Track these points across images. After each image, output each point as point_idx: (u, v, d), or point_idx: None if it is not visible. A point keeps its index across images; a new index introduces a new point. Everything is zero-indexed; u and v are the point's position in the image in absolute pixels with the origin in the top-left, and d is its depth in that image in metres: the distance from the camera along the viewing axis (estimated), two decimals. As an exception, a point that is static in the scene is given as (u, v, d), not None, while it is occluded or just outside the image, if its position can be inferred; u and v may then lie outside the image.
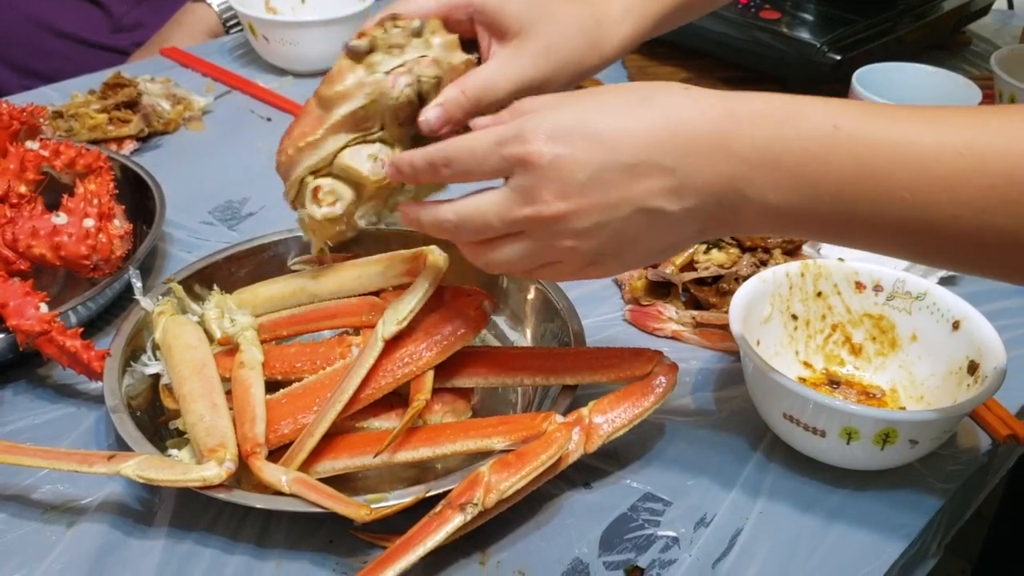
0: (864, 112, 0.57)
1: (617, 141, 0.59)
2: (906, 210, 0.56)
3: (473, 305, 0.71)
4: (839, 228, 0.59)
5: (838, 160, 0.56)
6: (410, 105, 0.71)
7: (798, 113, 0.58)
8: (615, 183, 0.59)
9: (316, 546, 0.70)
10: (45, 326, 0.76)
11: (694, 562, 0.69)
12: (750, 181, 0.58)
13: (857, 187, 0.56)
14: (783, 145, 0.57)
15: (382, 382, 0.71)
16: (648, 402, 0.71)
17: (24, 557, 0.69)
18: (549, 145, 0.60)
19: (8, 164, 0.90)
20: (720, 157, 0.58)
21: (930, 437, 0.71)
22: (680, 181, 0.59)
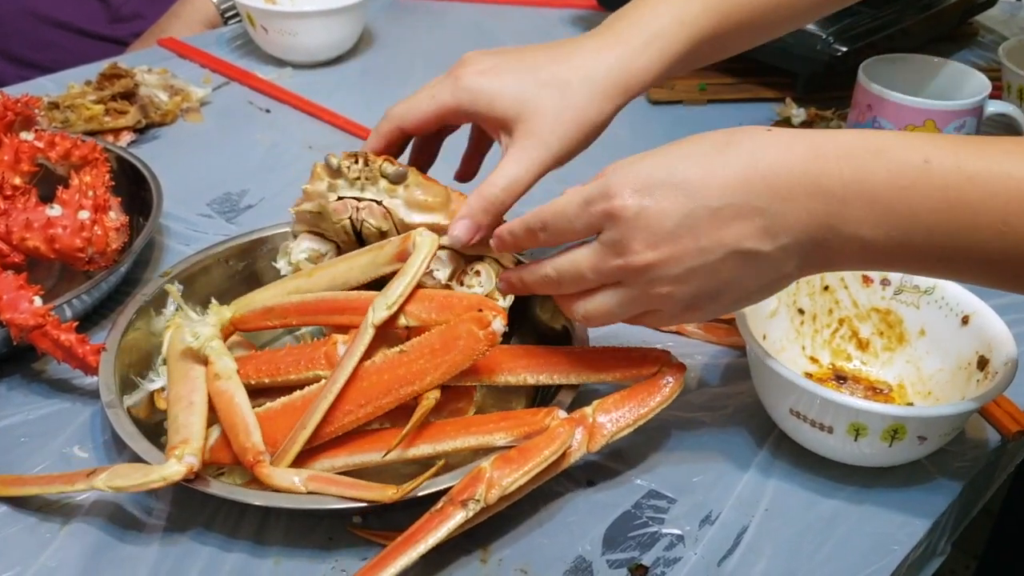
0: (954, 145, 0.57)
1: (701, 187, 0.60)
2: (1002, 241, 0.56)
3: (483, 323, 0.67)
4: (934, 262, 0.60)
5: (931, 193, 0.56)
6: (346, 234, 0.78)
7: (887, 148, 0.58)
8: (704, 228, 0.60)
9: (315, 543, 0.69)
10: (39, 320, 0.75)
11: (699, 560, 0.68)
12: (843, 217, 0.58)
13: (952, 219, 0.57)
14: (874, 180, 0.57)
15: (383, 401, 0.68)
16: (654, 402, 0.70)
17: (18, 555, 0.67)
18: (634, 198, 0.61)
19: (2, 155, 0.89)
20: (811, 194, 0.58)
21: (939, 433, 0.70)
22: (771, 221, 0.59)
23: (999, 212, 0.55)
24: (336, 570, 0.67)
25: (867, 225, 0.58)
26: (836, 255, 0.61)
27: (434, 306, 0.71)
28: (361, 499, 0.65)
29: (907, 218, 0.57)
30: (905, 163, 0.57)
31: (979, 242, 0.57)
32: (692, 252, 0.61)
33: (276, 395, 0.72)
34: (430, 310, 0.71)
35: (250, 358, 0.74)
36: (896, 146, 0.58)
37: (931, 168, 0.57)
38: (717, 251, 0.61)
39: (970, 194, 0.56)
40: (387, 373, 0.69)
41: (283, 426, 0.69)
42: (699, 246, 0.61)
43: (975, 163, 0.56)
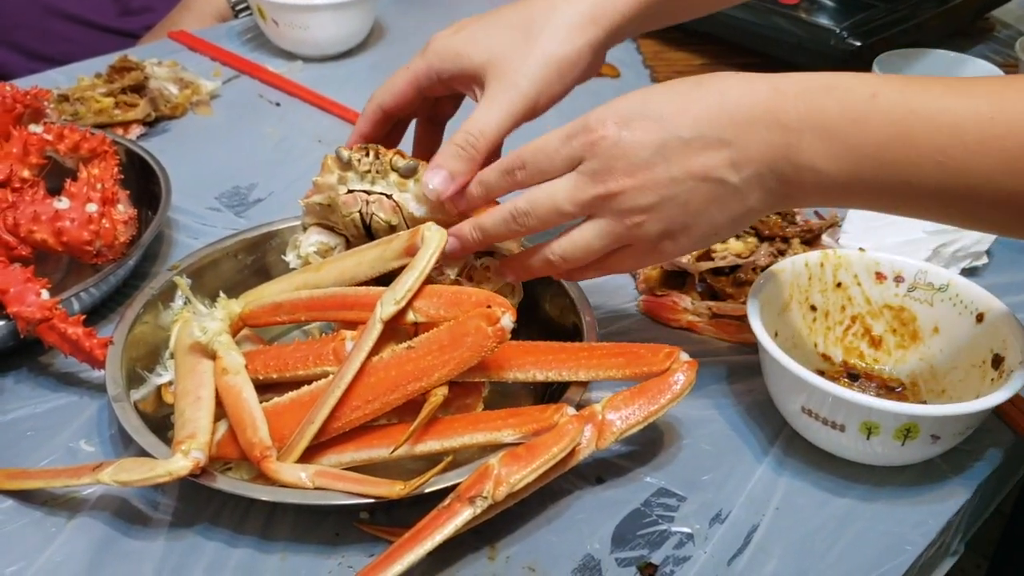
0: (900, 83, 0.61)
1: (674, 119, 0.64)
2: (943, 173, 0.59)
3: (492, 319, 0.67)
4: (884, 195, 0.63)
5: (877, 125, 0.60)
6: (355, 227, 0.78)
7: (839, 85, 0.62)
8: (676, 158, 0.64)
9: (322, 539, 0.68)
10: (46, 313, 0.75)
11: (709, 559, 0.67)
12: (799, 149, 0.62)
13: (895, 151, 0.60)
14: (826, 114, 0.61)
15: (390, 397, 0.68)
16: (664, 400, 0.69)
17: (24, 549, 0.67)
18: (614, 128, 0.65)
19: (11, 148, 0.89)
20: (770, 128, 0.63)
21: (953, 432, 0.69)
22: (736, 153, 0.63)
23: (938, 145, 0.58)
24: (343, 566, 0.67)
25: (820, 156, 0.62)
26: (795, 188, 0.64)
27: (443, 302, 0.71)
28: (368, 495, 0.64)
29: (856, 150, 0.61)
30: (855, 97, 0.61)
31: (920, 175, 0.60)
32: (664, 181, 0.65)
33: (284, 390, 0.72)
34: (439, 306, 0.71)
35: (258, 353, 0.74)
36: (848, 82, 0.62)
37: (878, 102, 0.60)
38: (687, 181, 0.65)
39: (912, 127, 0.59)
40: (395, 369, 0.68)
41: (290, 421, 0.69)
42: (671, 175, 0.65)
43: (919, 98, 0.59)
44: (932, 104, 0.59)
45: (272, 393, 0.72)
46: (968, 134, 0.58)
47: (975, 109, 0.58)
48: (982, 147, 0.58)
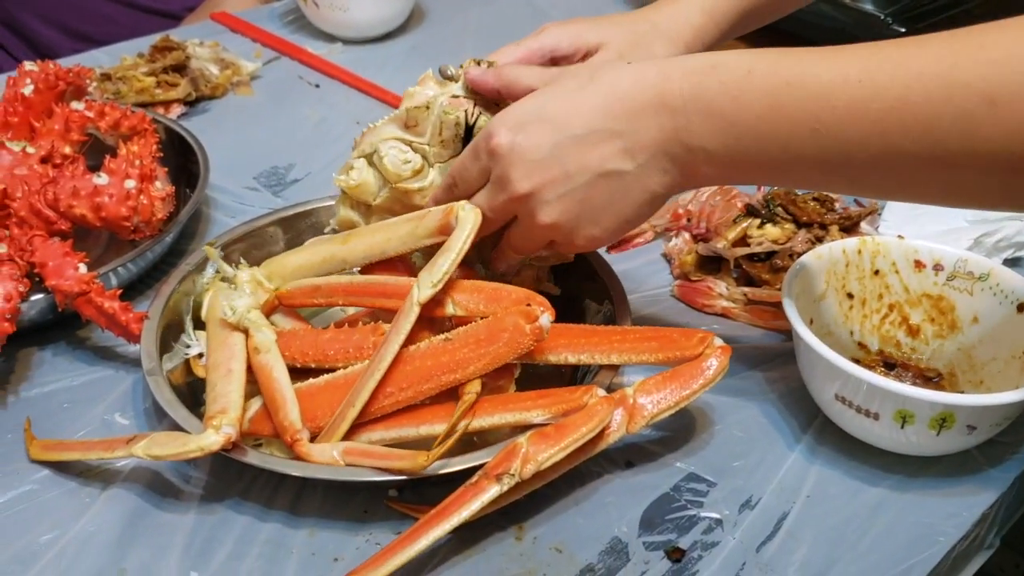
0: (777, 55, 0.62)
1: (566, 119, 0.66)
2: (819, 141, 0.60)
3: (530, 317, 0.67)
4: (772, 170, 0.64)
5: (753, 99, 0.61)
6: (456, 128, 0.76)
7: (720, 62, 0.63)
8: (570, 156, 0.66)
9: (350, 515, 0.69)
10: (84, 287, 0.76)
11: (737, 545, 0.67)
12: (688, 131, 0.64)
13: (772, 123, 0.61)
14: (709, 93, 0.63)
15: (424, 386, 0.68)
16: (696, 385, 0.69)
17: (58, 518, 0.68)
18: (509, 135, 0.67)
19: (53, 124, 0.90)
20: (659, 113, 0.64)
21: (990, 423, 0.68)
22: (629, 141, 0.65)
23: (811, 113, 0.59)
24: (370, 543, 0.67)
25: (707, 136, 0.63)
26: (690, 168, 0.65)
27: (482, 297, 0.71)
28: (392, 468, 0.65)
29: (736, 126, 0.62)
30: (732, 74, 0.62)
31: (798, 145, 0.61)
32: (561, 178, 0.67)
33: (319, 371, 0.72)
34: (478, 300, 0.71)
35: (294, 337, 0.74)
36: (728, 60, 0.63)
37: (753, 77, 0.62)
38: (584, 174, 0.66)
39: (786, 98, 0.60)
40: (430, 359, 0.68)
41: (324, 403, 0.69)
42: (566, 171, 0.66)
43: (792, 69, 0.61)
44: (804, 72, 0.60)
45: (307, 374, 0.72)
46: (838, 99, 0.58)
47: (844, 74, 0.59)
48: (851, 112, 0.58)
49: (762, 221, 0.89)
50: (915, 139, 0.57)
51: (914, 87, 0.56)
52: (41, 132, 0.90)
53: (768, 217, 0.89)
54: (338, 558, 0.66)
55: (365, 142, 0.78)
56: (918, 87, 0.56)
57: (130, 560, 0.65)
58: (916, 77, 0.57)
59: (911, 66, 0.57)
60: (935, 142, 0.57)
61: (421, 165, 0.76)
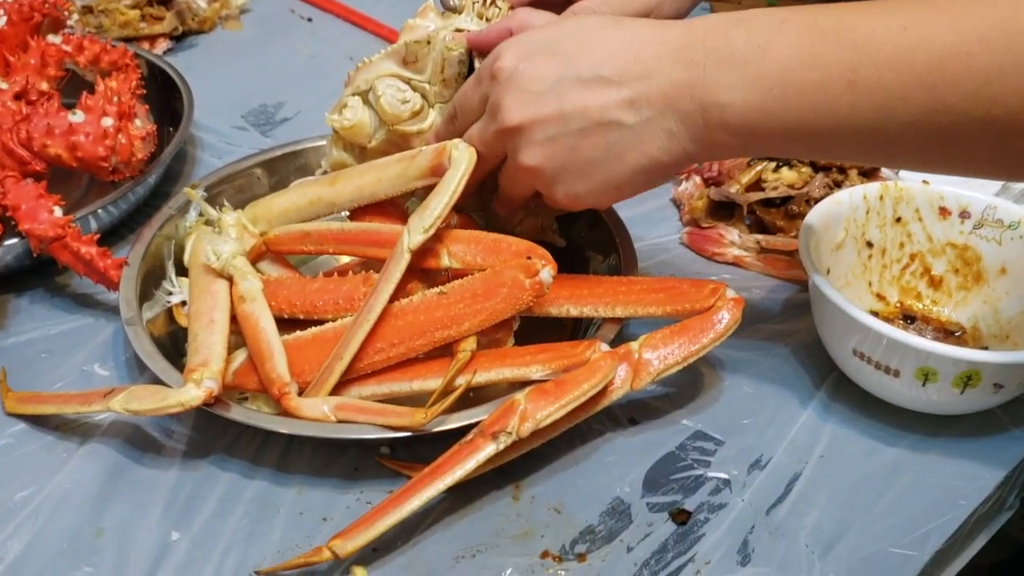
0: (812, 8, 0.57)
1: (576, 57, 0.61)
2: (854, 94, 0.55)
3: (530, 271, 0.63)
4: (794, 129, 0.58)
5: (782, 49, 0.56)
6: (459, 65, 0.70)
7: (749, 17, 0.59)
8: (570, 94, 0.61)
9: (340, 473, 0.66)
10: (59, 231, 0.72)
11: (746, 507, 0.64)
12: (703, 85, 0.59)
13: (802, 74, 0.56)
14: (733, 44, 0.58)
15: (416, 342, 0.64)
16: (706, 339, 0.65)
17: (33, 474, 0.65)
18: (513, 60, 0.63)
19: (28, 59, 0.86)
20: (675, 65, 0.59)
21: (1018, 382, 0.65)
22: (635, 91, 0.60)
23: (847, 63, 0.55)
24: (361, 501, 0.64)
25: (726, 89, 0.58)
26: (701, 132, 0.60)
27: (481, 249, 0.67)
28: (389, 425, 0.61)
29: (761, 78, 0.57)
30: (763, 26, 0.58)
31: (830, 99, 0.56)
32: (555, 117, 0.62)
33: (307, 322, 0.68)
34: (476, 252, 0.67)
35: (281, 285, 0.70)
36: (758, 15, 0.59)
37: (785, 27, 0.57)
38: (580, 119, 0.61)
39: (821, 47, 0.55)
40: (423, 314, 0.65)
41: (311, 357, 0.66)
42: (563, 110, 0.61)
43: (828, 19, 0.56)
44: (842, 22, 0.55)
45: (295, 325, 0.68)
46: (880, 48, 0.54)
47: (886, 23, 0.54)
48: (894, 62, 0.53)
49: (778, 164, 0.85)
50: (966, 94, 0.52)
51: (968, 36, 0.51)
52: (16, 67, 0.85)
53: (784, 160, 0.85)
54: (327, 517, 0.63)
55: (360, 78, 0.73)
56: (973, 35, 0.51)
57: (108, 518, 0.63)
58: (970, 25, 0.52)
59: (964, 12, 0.52)
60: (990, 99, 0.51)
61: (421, 106, 0.72)
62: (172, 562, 0.60)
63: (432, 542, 0.61)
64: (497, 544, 0.61)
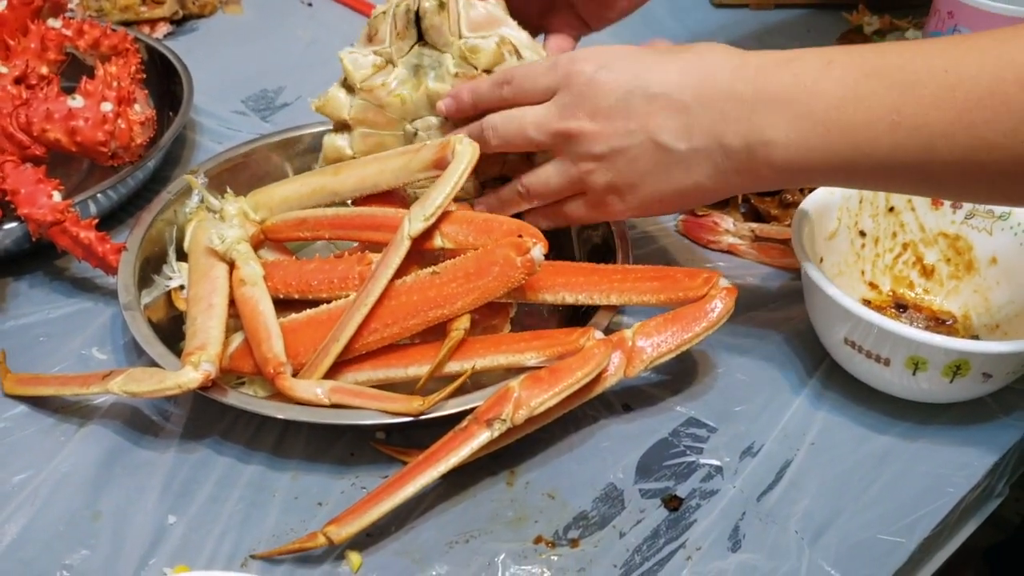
0: (861, 48, 0.60)
1: (648, 73, 0.64)
2: (896, 133, 0.57)
3: (521, 249, 0.63)
4: (836, 164, 0.60)
5: (828, 90, 0.59)
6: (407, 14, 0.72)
7: (798, 58, 0.61)
8: (636, 110, 0.64)
9: (335, 458, 0.66)
10: (58, 216, 0.72)
11: (737, 494, 0.64)
12: (750, 123, 0.61)
13: (847, 114, 0.58)
14: (780, 84, 0.60)
15: (410, 322, 0.65)
16: (699, 327, 0.65)
17: (32, 456, 0.66)
18: (591, 66, 0.65)
19: (28, 43, 0.86)
20: (727, 101, 0.62)
21: (1006, 371, 0.65)
22: (691, 120, 0.63)
23: (891, 104, 0.57)
24: (356, 487, 0.64)
25: (769, 127, 0.61)
26: (745, 166, 0.63)
27: (472, 228, 0.67)
28: (385, 411, 0.62)
29: (805, 117, 0.59)
30: (809, 66, 0.60)
31: (873, 138, 0.58)
32: (620, 132, 0.65)
33: (301, 306, 0.69)
34: (468, 232, 0.67)
35: (277, 267, 0.71)
36: (807, 54, 0.61)
37: (832, 68, 0.59)
38: (639, 135, 0.64)
39: (865, 88, 0.58)
40: (417, 294, 0.65)
41: (306, 339, 0.66)
42: (627, 127, 0.65)
43: (874, 61, 0.58)
44: (886, 62, 0.58)
45: (289, 309, 0.69)
46: (923, 88, 0.56)
47: (928, 65, 0.56)
48: (937, 101, 0.56)
49: (772, 153, 0.85)
50: (1006, 133, 0.54)
51: (1007, 76, 0.54)
52: (16, 51, 0.85)
53: (779, 149, 0.85)
54: (322, 502, 0.64)
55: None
56: (1010, 76, 0.53)
57: (105, 502, 0.63)
58: (1009, 64, 0.54)
59: (1003, 54, 0.54)
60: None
61: (383, 62, 0.74)
62: (169, 545, 0.61)
63: (426, 527, 0.62)
64: (491, 529, 0.62)
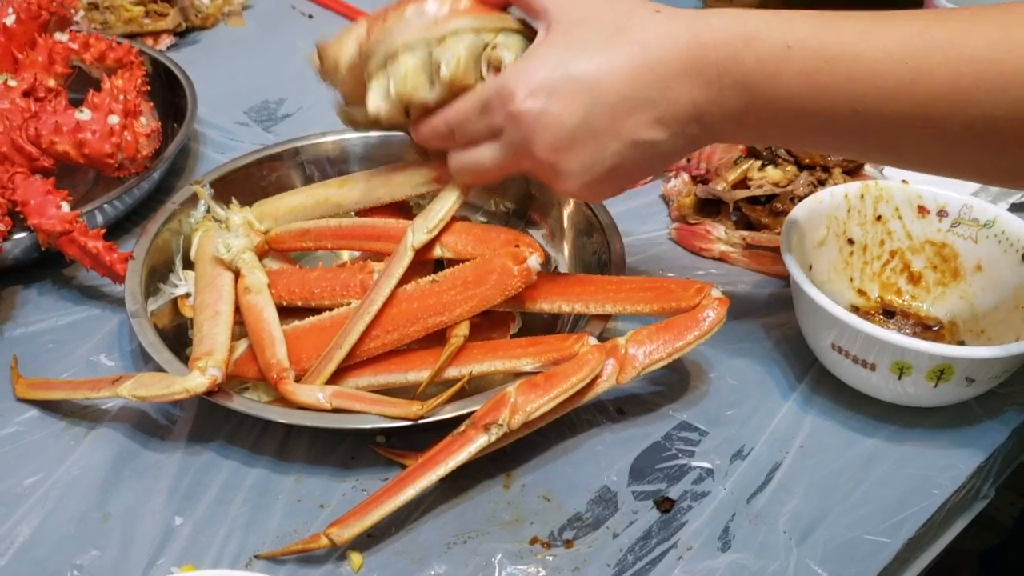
0: (814, 26, 0.59)
1: (596, 83, 0.61)
2: (858, 119, 0.58)
3: (518, 259, 0.65)
4: (804, 137, 0.64)
5: (791, 78, 0.59)
6: None
7: (756, 35, 0.60)
8: (602, 126, 0.62)
9: (337, 461, 0.68)
10: (67, 226, 0.74)
11: (728, 495, 0.66)
12: (720, 103, 0.61)
13: (812, 102, 0.59)
14: (744, 68, 0.60)
15: (410, 329, 0.67)
16: (691, 336, 0.67)
17: (42, 460, 0.68)
18: (534, 100, 0.61)
19: (36, 56, 0.88)
20: (693, 83, 0.61)
21: (989, 376, 0.67)
22: (662, 110, 0.61)
23: (852, 94, 0.58)
24: (356, 489, 0.66)
25: (741, 108, 0.61)
26: (715, 134, 0.64)
27: (471, 238, 0.69)
28: (386, 415, 0.64)
29: (773, 102, 0.60)
30: (770, 50, 0.59)
31: (836, 122, 0.59)
32: (591, 148, 0.63)
33: (304, 314, 0.71)
34: (467, 242, 0.69)
35: (281, 275, 0.73)
36: (763, 31, 0.60)
37: (792, 54, 0.59)
38: (614, 143, 0.62)
39: (826, 77, 0.58)
40: (417, 302, 0.67)
41: (308, 345, 0.68)
42: (597, 143, 0.62)
43: (831, 45, 0.58)
44: (845, 50, 0.58)
45: (292, 317, 0.71)
46: (882, 81, 0.57)
47: (888, 53, 0.56)
48: (896, 95, 0.57)
49: (763, 163, 0.87)
50: (965, 124, 0.55)
51: (966, 72, 0.54)
52: (24, 64, 0.87)
53: (769, 159, 0.87)
54: (324, 504, 0.65)
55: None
56: (970, 72, 0.54)
57: (114, 504, 0.65)
58: (968, 61, 0.54)
59: (963, 48, 0.55)
60: (988, 128, 0.55)
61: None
62: (176, 546, 0.62)
63: (425, 528, 0.64)
64: (488, 531, 0.64)
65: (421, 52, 0.65)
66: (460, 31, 0.65)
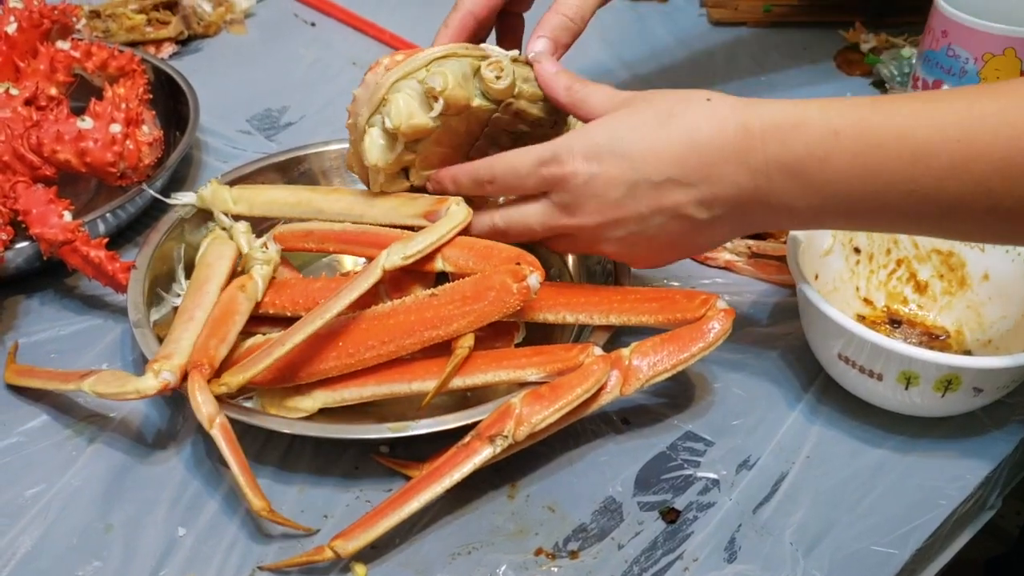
0: (863, 111, 0.60)
1: (644, 161, 0.64)
2: (913, 199, 0.59)
3: (518, 276, 0.65)
4: (858, 220, 0.64)
5: (842, 163, 0.60)
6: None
7: (803, 123, 0.61)
8: (646, 198, 0.65)
9: (341, 472, 0.68)
10: (69, 235, 0.74)
11: (734, 506, 0.66)
12: (768, 191, 0.62)
13: (865, 185, 0.60)
14: (793, 155, 0.61)
15: (406, 341, 0.66)
16: (696, 348, 0.67)
17: (44, 471, 0.67)
18: (585, 165, 0.65)
19: (38, 65, 0.87)
20: (738, 170, 0.62)
21: (996, 386, 0.66)
22: (704, 194, 0.63)
23: (906, 175, 0.58)
24: (360, 500, 0.66)
25: (789, 196, 0.62)
26: (767, 220, 0.65)
27: (473, 254, 0.69)
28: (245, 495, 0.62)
29: (824, 187, 0.61)
30: (819, 137, 0.60)
31: (890, 203, 0.60)
32: (635, 218, 0.65)
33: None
34: (468, 257, 0.69)
35: (286, 286, 0.73)
36: (811, 117, 0.61)
37: (841, 139, 0.60)
38: (657, 217, 0.65)
39: (879, 160, 0.59)
40: (414, 314, 0.67)
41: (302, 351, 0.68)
42: (640, 213, 0.65)
43: (881, 128, 0.59)
44: (896, 133, 0.58)
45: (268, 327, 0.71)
46: (936, 160, 0.57)
47: (941, 133, 0.57)
48: (952, 173, 0.57)
49: (768, 171, 0.86)
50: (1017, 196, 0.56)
51: (1019, 145, 0.55)
52: (26, 73, 0.87)
53: (774, 167, 0.86)
54: (328, 515, 0.65)
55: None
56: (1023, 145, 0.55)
57: (116, 515, 0.65)
58: (1021, 134, 0.55)
59: (1014, 120, 0.56)
60: None
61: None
62: (179, 557, 0.62)
63: (430, 540, 0.63)
64: (493, 542, 0.63)
65: (409, 85, 0.68)
66: (446, 57, 0.68)
